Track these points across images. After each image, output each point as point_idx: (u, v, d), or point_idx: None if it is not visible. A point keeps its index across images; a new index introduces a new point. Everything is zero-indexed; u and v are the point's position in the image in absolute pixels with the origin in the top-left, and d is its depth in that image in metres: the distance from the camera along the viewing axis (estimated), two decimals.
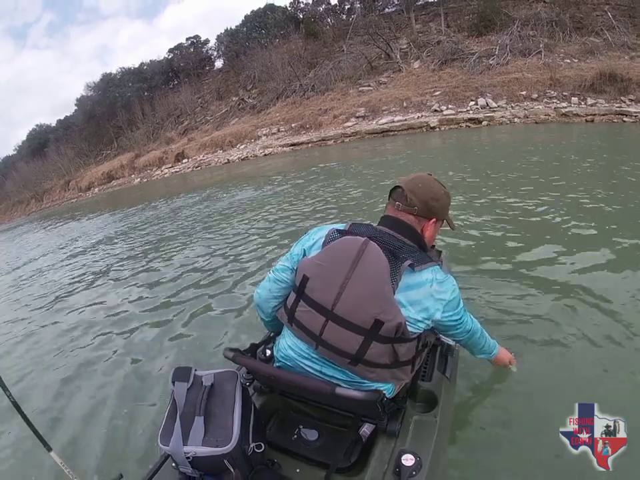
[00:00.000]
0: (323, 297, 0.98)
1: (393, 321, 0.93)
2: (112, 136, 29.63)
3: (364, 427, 1.10)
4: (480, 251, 2.95)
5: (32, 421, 1.19)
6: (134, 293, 3.61)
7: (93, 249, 6.51)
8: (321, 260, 1.01)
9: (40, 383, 2.36)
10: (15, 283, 5.56)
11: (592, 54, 15.87)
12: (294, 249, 1.13)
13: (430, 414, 1.14)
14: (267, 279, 1.17)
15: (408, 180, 1.12)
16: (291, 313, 1.05)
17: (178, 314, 2.84)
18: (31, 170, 32.00)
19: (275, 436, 1.15)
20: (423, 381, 1.26)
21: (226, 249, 4.24)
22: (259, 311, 1.22)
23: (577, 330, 1.85)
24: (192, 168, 19.96)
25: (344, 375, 1.01)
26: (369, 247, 0.96)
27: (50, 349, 2.83)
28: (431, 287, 0.97)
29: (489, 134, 11.98)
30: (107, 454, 1.65)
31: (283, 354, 1.09)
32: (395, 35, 21.15)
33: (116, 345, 2.61)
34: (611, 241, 2.78)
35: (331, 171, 8.87)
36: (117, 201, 15.12)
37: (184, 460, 0.91)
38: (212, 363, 2.09)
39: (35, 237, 11.62)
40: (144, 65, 30.41)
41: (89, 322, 3.15)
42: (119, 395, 2.03)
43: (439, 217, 1.11)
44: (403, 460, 0.94)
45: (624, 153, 6.45)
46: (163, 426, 0.96)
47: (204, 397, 0.96)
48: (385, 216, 1.11)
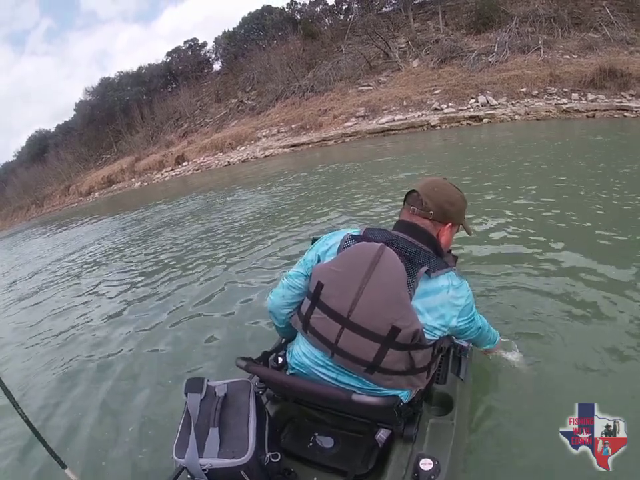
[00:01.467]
0: (339, 304, 0.97)
1: (410, 328, 0.92)
2: (111, 140, 29.58)
3: (380, 433, 1.07)
4: (486, 249, 2.92)
5: (45, 437, 1.17)
6: (142, 302, 3.49)
7: (95, 254, 6.47)
8: (336, 266, 0.99)
9: (50, 398, 2.29)
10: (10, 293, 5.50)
11: (591, 49, 15.85)
12: (307, 254, 1.12)
13: (446, 417, 1.13)
14: (281, 285, 1.16)
15: (423, 184, 1.12)
16: (306, 320, 1.04)
17: (187, 324, 2.77)
18: (31, 175, 31.92)
19: (290, 444, 1.14)
20: (437, 383, 1.24)
21: (234, 255, 4.12)
22: (272, 317, 1.21)
23: (577, 329, 1.85)
24: (192, 171, 19.92)
25: (360, 383, 1.00)
26: (385, 252, 0.95)
27: (58, 361, 2.75)
28: (447, 293, 0.97)
29: (490, 131, 11.95)
30: (122, 469, 1.62)
31: (297, 361, 1.08)
32: (393, 34, 21.12)
33: (125, 358, 2.53)
34: (615, 241, 2.75)
35: (332, 171, 8.81)
36: (117, 205, 15.06)
37: (200, 472, 0.90)
38: (224, 373, 2.04)
39: (36, 242, 11.58)
40: (142, 68, 30.37)
41: (96, 334, 3.05)
42: (131, 409, 2.00)
43: (454, 222, 1.11)
44: (421, 464, 0.93)
45: (627, 148, 6.43)
46: (178, 438, 0.95)
47: (218, 408, 0.95)
48: (400, 220, 1.10)
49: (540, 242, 2.91)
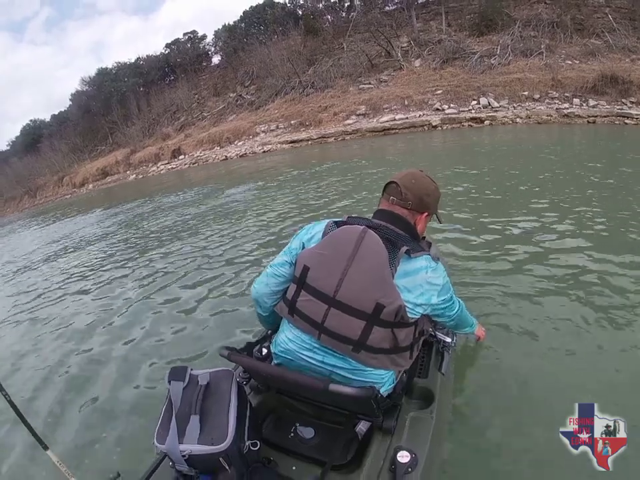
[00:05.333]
0: (325, 285, 1.00)
1: (394, 304, 0.95)
2: (107, 131, 29.16)
3: (360, 425, 1.08)
4: (486, 248, 2.94)
5: (28, 419, 1.18)
6: (128, 291, 3.52)
7: (87, 247, 6.28)
8: (321, 249, 1.03)
9: (35, 382, 2.29)
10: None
11: (593, 56, 15.89)
12: (292, 243, 1.14)
13: (426, 411, 1.14)
14: (265, 273, 1.17)
15: (401, 176, 1.16)
16: (292, 304, 1.06)
17: (173, 312, 2.81)
18: (25, 165, 31.40)
19: (271, 434, 1.16)
20: (419, 377, 1.25)
21: (221, 247, 4.18)
22: (257, 306, 1.22)
23: (578, 330, 1.84)
24: (189, 164, 19.67)
25: (346, 363, 1.02)
26: (367, 233, 0.99)
27: (46, 348, 2.74)
28: (426, 273, 1.01)
29: (492, 134, 11.90)
30: (104, 452, 1.63)
31: (282, 348, 1.09)
32: (396, 33, 20.98)
33: (111, 345, 2.54)
34: (619, 240, 2.77)
35: (331, 169, 8.68)
36: (111, 197, 14.82)
37: (180, 458, 0.91)
38: (208, 362, 2.07)
39: (27, 234, 11.30)
40: (140, 59, 29.93)
41: (83, 321, 3.05)
42: (114, 395, 2.01)
43: (430, 211, 1.17)
44: (399, 457, 0.94)
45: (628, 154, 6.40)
46: (159, 425, 0.97)
47: (200, 396, 0.97)
48: (380, 209, 1.14)
49: (546, 240, 2.92)
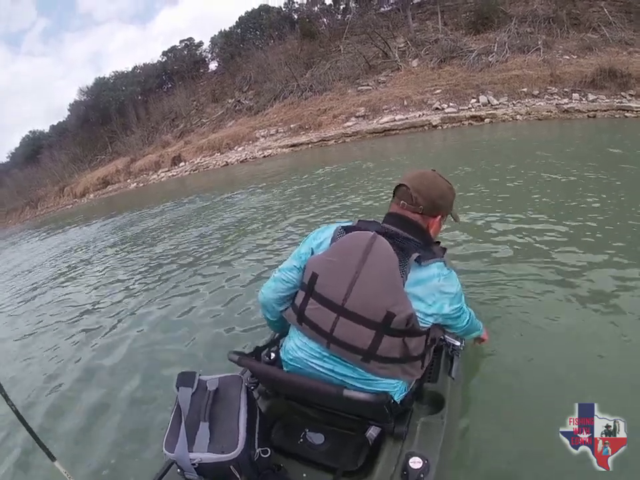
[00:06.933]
0: (333, 293, 0.97)
1: (404, 313, 0.92)
2: (106, 141, 29.19)
3: (370, 430, 1.06)
4: (486, 249, 2.92)
5: (35, 430, 1.17)
6: (135, 297, 3.52)
7: (93, 256, 6.25)
8: (330, 256, 1.00)
9: (42, 392, 2.28)
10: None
11: (590, 50, 15.87)
12: (301, 248, 1.12)
13: (437, 415, 1.12)
14: (272, 278, 1.15)
15: (412, 178, 1.10)
16: (300, 311, 1.03)
17: (181, 318, 2.82)
18: (25, 177, 31.44)
19: (281, 440, 1.14)
20: (429, 382, 1.25)
21: (230, 253, 4.16)
22: (264, 311, 1.20)
23: (579, 330, 1.84)
24: (189, 171, 19.65)
25: (355, 373, 1.00)
26: (377, 240, 0.96)
27: (50, 357, 2.75)
28: (438, 281, 0.98)
29: (493, 131, 11.87)
30: (112, 461, 1.63)
31: (291, 356, 1.07)
32: (392, 34, 20.99)
33: (118, 351, 2.54)
34: (621, 241, 2.72)
35: (332, 172, 8.65)
36: (113, 206, 14.81)
37: (189, 466, 0.89)
38: (216, 368, 2.05)
39: (29, 246, 11.29)
40: (137, 68, 30.00)
41: (88, 328, 3.09)
42: (121, 402, 2.00)
43: (444, 213, 1.13)
44: (411, 463, 0.93)
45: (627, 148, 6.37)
46: (168, 432, 0.95)
47: (209, 402, 0.95)
48: (390, 213, 1.10)
49: (546, 240, 2.92)
